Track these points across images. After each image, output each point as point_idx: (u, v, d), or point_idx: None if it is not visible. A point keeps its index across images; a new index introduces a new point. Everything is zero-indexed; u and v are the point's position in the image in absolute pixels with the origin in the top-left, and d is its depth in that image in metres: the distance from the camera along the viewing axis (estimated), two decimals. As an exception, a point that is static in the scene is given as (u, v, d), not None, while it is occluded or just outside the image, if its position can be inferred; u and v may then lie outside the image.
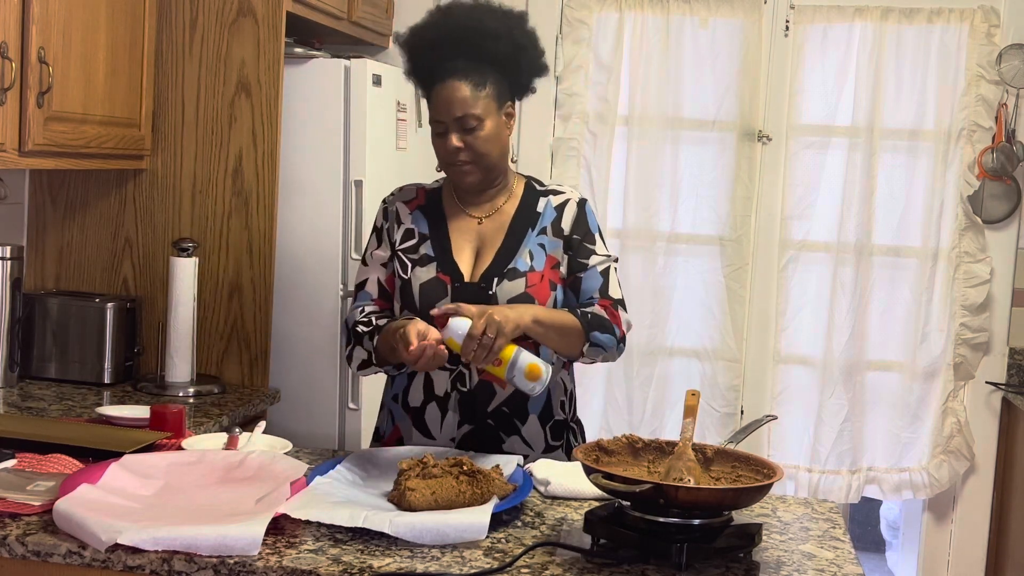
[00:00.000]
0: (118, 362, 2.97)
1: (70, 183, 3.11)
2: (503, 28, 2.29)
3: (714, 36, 3.88)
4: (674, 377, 3.97)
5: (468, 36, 2.28)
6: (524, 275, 2.27)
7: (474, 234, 2.34)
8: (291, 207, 3.15)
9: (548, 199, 2.37)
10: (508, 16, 2.33)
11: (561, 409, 2.37)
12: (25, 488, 1.85)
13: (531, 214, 2.35)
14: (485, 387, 2.29)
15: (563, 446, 2.37)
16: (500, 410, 2.30)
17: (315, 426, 3.18)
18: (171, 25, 3.02)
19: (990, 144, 3.78)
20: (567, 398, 2.40)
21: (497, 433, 2.30)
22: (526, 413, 2.32)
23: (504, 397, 2.29)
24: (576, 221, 2.36)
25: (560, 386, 2.36)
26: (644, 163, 3.91)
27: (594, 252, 2.36)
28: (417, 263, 2.31)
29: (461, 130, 2.26)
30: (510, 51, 2.30)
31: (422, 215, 2.37)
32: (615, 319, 2.30)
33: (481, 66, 2.27)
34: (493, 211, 2.36)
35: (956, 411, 3.88)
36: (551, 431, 2.35)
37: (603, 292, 2.33)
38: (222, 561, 1.65)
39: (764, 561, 1.79)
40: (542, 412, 2.33)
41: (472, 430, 2.30)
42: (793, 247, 3.92)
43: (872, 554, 4.69)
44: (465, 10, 2.33)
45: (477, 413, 2.30)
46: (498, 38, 2.28)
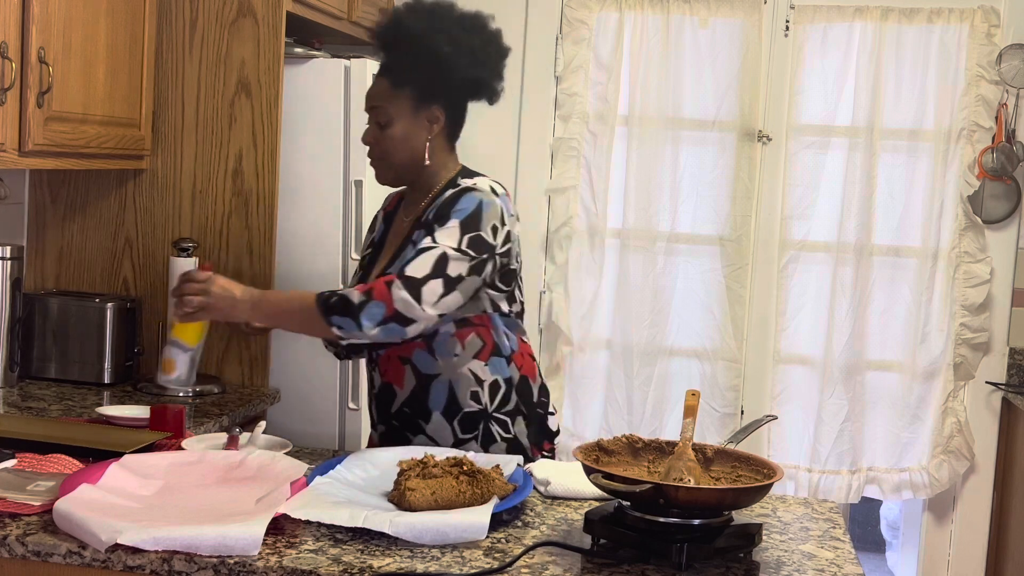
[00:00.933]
0: (118, 362, 2.96)
1: (70, 183, 3.10)
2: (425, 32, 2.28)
3: (714, 36, 3.88)
4: (674, 377, 3.97)
5: (392, 36, 2.33)
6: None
7: (400, 236, 2.38)
8: (291, 207, 3.15)
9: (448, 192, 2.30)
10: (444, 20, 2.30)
11: (474, 400, 2.32)
12: (25, 488, 1.85)
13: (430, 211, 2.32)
14: (386, 389, 2.35)
15: (477, 438, 2.32)
16: (402, 411, 2.34)
17: (315, 426, 3.18)
18: (171, 25, 3.02)
19: (990, 144, 3.78)
20: (483, 389, 2.32)
21: (403, 433, 2.35)
22: (428, 412, 2.32)
23: (403, 398, 2.33)
24: (442, 207, 2.25)
25: (468, 378, 2.31)
26: (644, 163, 3.91)
27: (432, 235, 2.21)
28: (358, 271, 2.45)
29: (376, 125, 2.32)
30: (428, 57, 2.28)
31: (383, 221, 2.46)
32: (379, 295, 2.13)
33: (403, 66, 2.30)
34: (415, 212, 2.37)
35: (956, 411, 3.88)
36: (460, 425, 2.32)
37: (399, 269, 2.17)
38: (222, 561, 1.65)
39: (764, 561, 1.79)
40: (446, 408, 2.31)
41: (385, 430, 2.39)
42: (793, 247, 3.92)
43: (872, 554, 4.69)
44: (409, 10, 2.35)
45: (383, 414, 2.37)
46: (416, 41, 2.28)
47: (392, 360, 2.34)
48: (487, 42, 2.34)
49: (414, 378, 2.32)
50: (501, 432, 2.34)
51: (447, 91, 2.33)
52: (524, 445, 2.37)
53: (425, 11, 2.32)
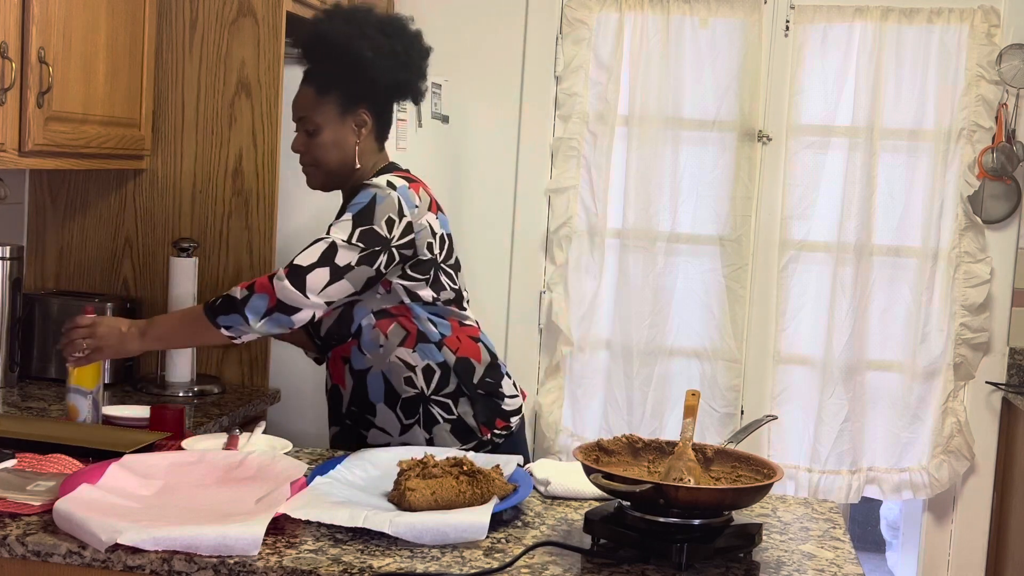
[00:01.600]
0: (118, 362, 2.96)
1: (70, 183, 3.10)
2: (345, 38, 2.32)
3: (714, 36, 3.88)
4: (674, 377, 3.97)
5: (315, 42, 2.37)
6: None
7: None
8: (291, 207, 3.15)
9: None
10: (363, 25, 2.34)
11: (408, 385, 2.37)
12: (25, 488, 1.85)
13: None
14: (335, 390, 2.43)
15: (419, 421, 2.38)
16: (350, 409, 2.42)
17: (315, 426, 3.17)
18: (171, 25, 3.02)
19: (990, 144, 3.78)
20: (417, 373, 2.37)
21: (357, 431, 2.42)
22: (372, 405, 2.39)
23: (348, 397, 2.41)
24: (343, 204, 2.38)
25: (399, 365, 2.37)
26: (644, 163, 3.91)
27: (329, 228, 2.28)
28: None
29: (304, 134, 2.37)
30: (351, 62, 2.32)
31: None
32: (261, 287, 2.19)
33: (325, 72, 2.35)
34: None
35: (956, 411, 3.88)
36: (403, 411, 2.38)
37: (291, 260, 2.24)
38: (222, 561, 1.65)
39: (764, 561, 1.79)
40: (386, 397, 2.39)
41: (339, 431, 2.45)
42: (793, 247, 3.92)
43: (872, 554, 4.69)
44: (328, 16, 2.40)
45: (336, 414, 2.44)
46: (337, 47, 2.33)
47: (336, 361, 2.43)
48: (409, 44, 2.39)
49: (351, 376, 2.40)
50: (443, 414, 2.40)
51: (372, 94, 2.39)
52: (471, 425, 2.42)
53: (344, 17, 2.37)
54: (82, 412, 2.32)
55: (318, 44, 2.37)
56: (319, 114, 2.35)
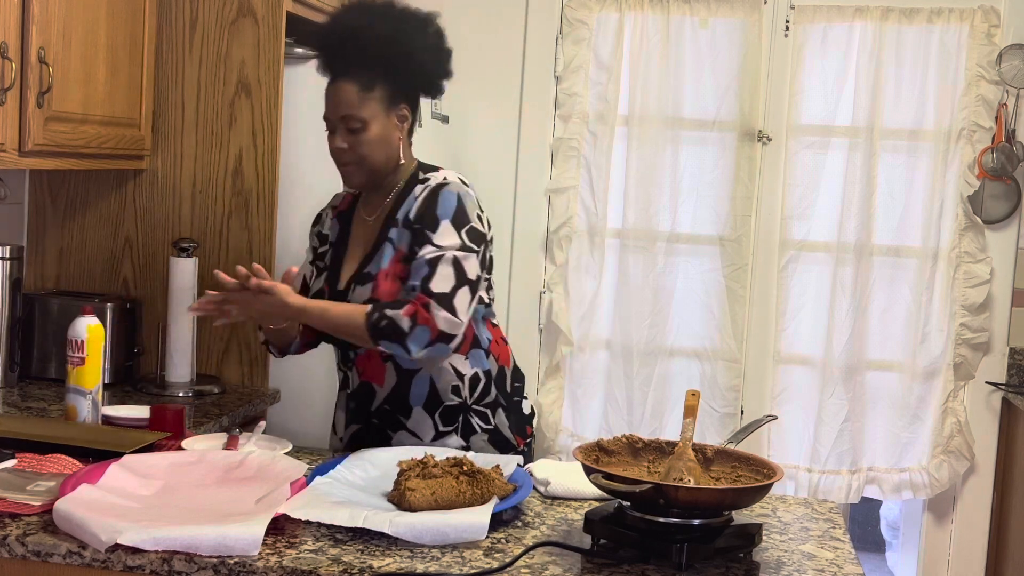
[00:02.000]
0: (118, 362, 2.96)
1: (70, 183, 3.10)
2: (390, 31, 2.29)
3: (714, 36, 3.88)
4: (674, 377, 3.97)
5: (356, 37, 2.31)
6: (374, 278, 2.29)
7: (364, 237, 2.38)
8: (291, 207, 3.15)
9: (416, 188, 2.34)
10: (402, 18, 2.33)
11: (454, 394, 2.34)
12: (25, 488, 1.85)
13: (399, 208, 2.34)
14: (365, 387, 2.36)
15: (457, 430, 2.35)
16: (382, 408, 2.35)
17: (315, 426, 3.17)
18: (171, 25, 3.02)
19: (990, 144, 3.78)
20: (464, 383, 2.35)
21: (383, 430, 2.36)
22: (409, 408, 2.35)
23: (384, 395, 2.34)
24: (423, 208, 2.28)
25: (449, 372, 2.33)
26: (644, 163, 3.91)
27: (430, 241, 2.24)
28: (320, 272, 2.42)
29: (346, 131, 2.29)
30: (397, 55, 2.30)
31: (338, 221, 2.45)
32: (423, 320, 2.16)
33: (369, 67, 2.29)
34: (379, 210, 2.37)
35: (956, 411, 3.88)
36: (441, 418, 2.35)
37: (423, 285, 2.20)
38: (222, 561, 1.65)
39: (764, 561, 1.79)
40: (427, 402, 2.34)
41: (359, 429, 2.39)
42: (793, 247, 3.92)
43: (872, 554, 4.69)
44: (361, 11, 2.35)
45: (361, 413, 2.37)
46: (384, 41, 2.29)
47: (372, 358, 2.35)
48: (442, 40, 2.38)
49: (395, 374, 2.34)
50: (481, 424, 2.38)
51: (414, 89, 2.37)
52: (507, 436, 2.40)
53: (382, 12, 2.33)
54: (82, 412, 2.31)
55: (361, 39, 2.30)
56: (365, 110, 2.29)
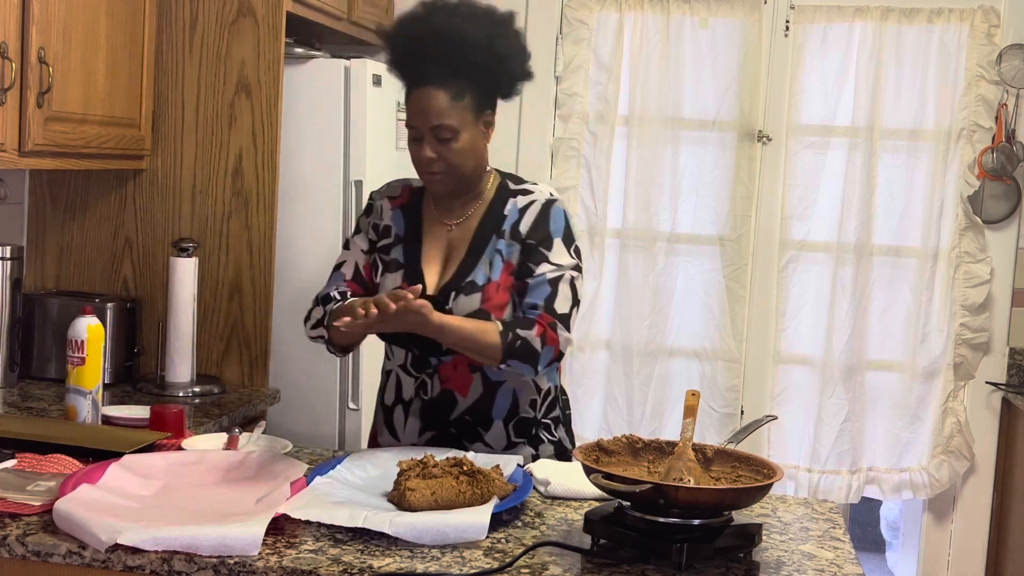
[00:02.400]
0: (118, 362, 2.96)
1: (70, 183, 3.10)
2: (484, 36, 2.22)
3: (714, 36, 3.88)
4: (674, 377, 3.97)
5: (448, 43, 2.21)
6: (481, 289, 2.23)
7: (444, 242, 2.31)
8: (291, 207, 3.15)
9: (516, 200, 2.30)
10: (491, 22, 2.25)
11: (531, 407, 2.34)
12: (25, 488, 1.85)
13: (498, 219, 2.29)
14: (447, 395, 2.29)
15: (528, 441, 2.34)
16: (463, 418, 2.30)
17: (315, 426, 3.18)
18: (171, 25, 3.02)
19: (990, 144, 3.78)
20: (539, 396, 2.35)
21: (460, 440, 2.30)
22: (490, 420, 2.30)
23: (467, 405, 2.29)
24: (535, 224, 2.26)
25: (529, 386, 2.33)
26: (644, 163, 3.91)
27: (547, 259, 2.23)
28: (387, 267, 2.31)
29: (435, 139, 2.21)
30: (490, 61, 2.23)
31: (402, 215, 2.35)
32: (551, 341, 2.18)
33: (460, 74, 2.21)
34: (463, 217, 2.31)
35: (956, 411, 3.88)
36: (514, 429, 2.33)
37: (548, 305, 2.21)
38: (222, 561, 1.65)
39: (764, 561, 1.79)
40: (507, 415, 2.31)
41: (434, 436, 2.31)
42: (793, 247, 3.92)
43: (872, 554, 4.69)
44: (447, 13, 2.25)
45: (440, 421, 2.30)
46: (478, 47, 2.21)
47: (459, 368, 2.28)
48: (522, 41, 2.31)
49: (482, 386, 2.29)
50: (548, 436, 2.38)
51: (498, 95, 2.30)
52: (567, 448, 2.41)
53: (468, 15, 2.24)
54: (82, 412, 2.31)
55: (455, 46, 2.21)
56: (456, 118, 2.20)
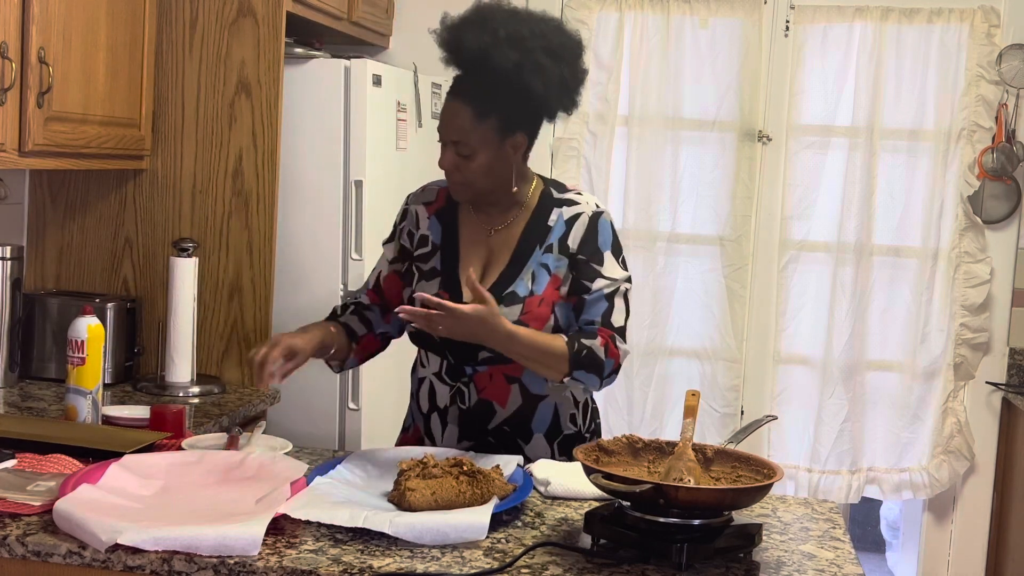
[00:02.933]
0: (118, 362, 2.96)
1: (70, 183, 3.10)
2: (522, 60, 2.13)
3: (714, 36, 3.88)
4: (674, 377, 3.97)
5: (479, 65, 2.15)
6: (523, 300, 2.20)
7: (484, 247, 2.28)
8: (291, 207, 3.15)
9: (561, 212, 2.26)
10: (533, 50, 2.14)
11: (571, 422, 2.31)
12: (25, 488, 1.85)
13: (541, 229, 2.26)
14: (484, 405, 2.25)
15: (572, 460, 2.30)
16: (501, 428, 2.27)
17: (315, 426, 3.17)
18: (171, 25, 3.02)
19: (990, 144, 3.78)
20: (579, 410, 2.33)
21: (498, 451, 2.25)
22: (530, 432, 2.27)
23: (505, 416, 2.26)
24: (584, 238, 2.24)
25: (569, 400, 2.30)
26: (644, 163, 3.91)
27: (600, 275, 2.23)
28: (424, 276, 2.28)
29: (456, 153, 2.20)
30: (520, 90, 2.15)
31: (438, 221, 2.32)
32: (612, 354, 2.19)
33: (490, 96, 2.16)
34: (504, 224, 2.28)
35: (956, 411, 3.88)
36: (559, 447, 2.29)
37: (605, 320, 2.22)
38: (222, 561, 1.65)
39: (764, 561, 1.79)
40: (548, 430, 2.28)
41: (472, 446, 2.28)
42: (793, 247, 3.92)
43: (872, 554, 4.69)
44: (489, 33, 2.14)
45: (476, 430, 2.27)
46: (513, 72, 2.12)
47: (496, 378, 2.25)
48: (576, 67, 2.23)
49: (521, 398, 2.26)
50: None
51: (535, 120, 2.25)
52: None
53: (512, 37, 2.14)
54: (82, 412, 2.31)
55: (483, 68, 2.15)
56: (476, 138, 2.17)
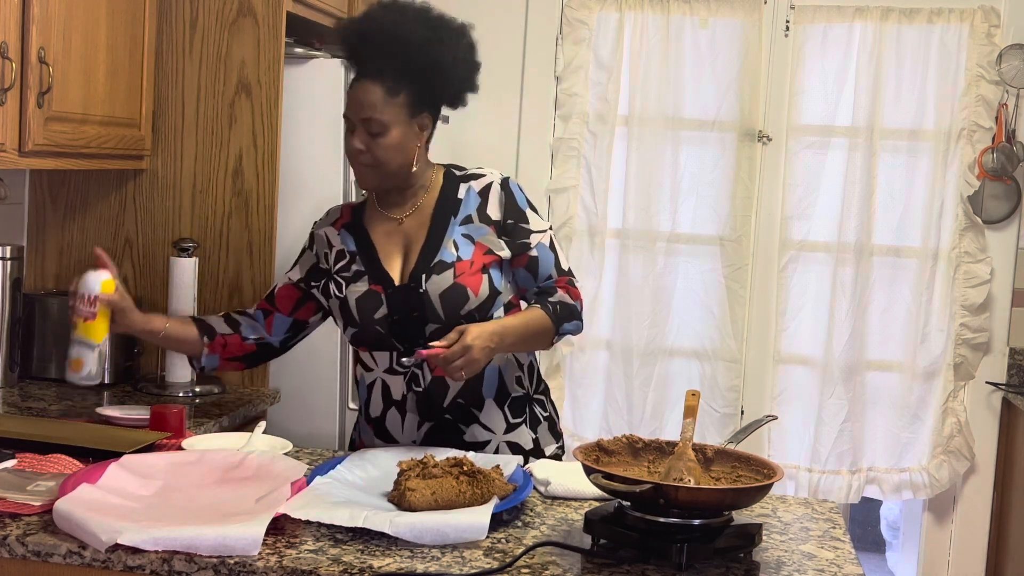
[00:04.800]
0: (118, 362, 2.96)
1: (70, 183, 3.10)
2: (425, 39, 2.27)
3: (714, 36, 3.88)
4: (674, 377, 3.97)
5: (388, 39, 2.27)
6: (451, 266, 2.27)
7: (399, 236, 2.35)
8: (291, 207, 3.15)
9: (469, 185, 2.36)
10: (439, 28, 2.31)
11: (518, 385, 2.37)
12: (25, 488, 1.85)
13: (452, 203, 2.34)
14: (438, 383, 2.30)
15: (526, 421, 2.38)
16: (456, 402, 2.32)
17: (315, 426, 3.17)
18: (171, 25, 3.02)
19: (990, 144, 3.78)
20: (524, 372, 2.39)
21: (456, 425, 2.32)
22: (482, 400, 2.33)
23: (457, 388, 2.31)
24: (505, 204, 2.35)
25: (512, 363, 2.36)
26: (644, 163, 3.91)
27: (531, 231, 2.35)
28: (351, 280, 2.34)
29: (366, 132, 2.27)
30: (429, 65, 2.28)
31: (348, 233, 2.40)
32: (576, 296, 2.35)
33: (400, 72, 2.26)
34: (413, 209, 2.36)
35: (956, 411, 3.88)
36: (510, 410, 2.36)
37: (558, 268, 2.36)
38: (222, 561, 1.65)
39: (764, 561, 1.79)
40: (497, 394, 2.34)
41: (432, 426, 2.33)
42: (793, 247, 3.92)
43: (872, 554, 4.69)
44: (397, 11, 2.31)
45: (434, 409, 2.32)
46: (417, 49, 2.26)
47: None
48: (472, 53, 2.36)
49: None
50: (542, 413, 2.43)
51: (439, 100, 2.36)
52: (556, 422, 2.48)
53: (418, 17, 2.31)
54: (87, 365, 2.27)
55: (394, 42, 2.27)
56: (387, 114, 2.26)
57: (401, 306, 2.26)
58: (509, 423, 2.35)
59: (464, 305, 2.25)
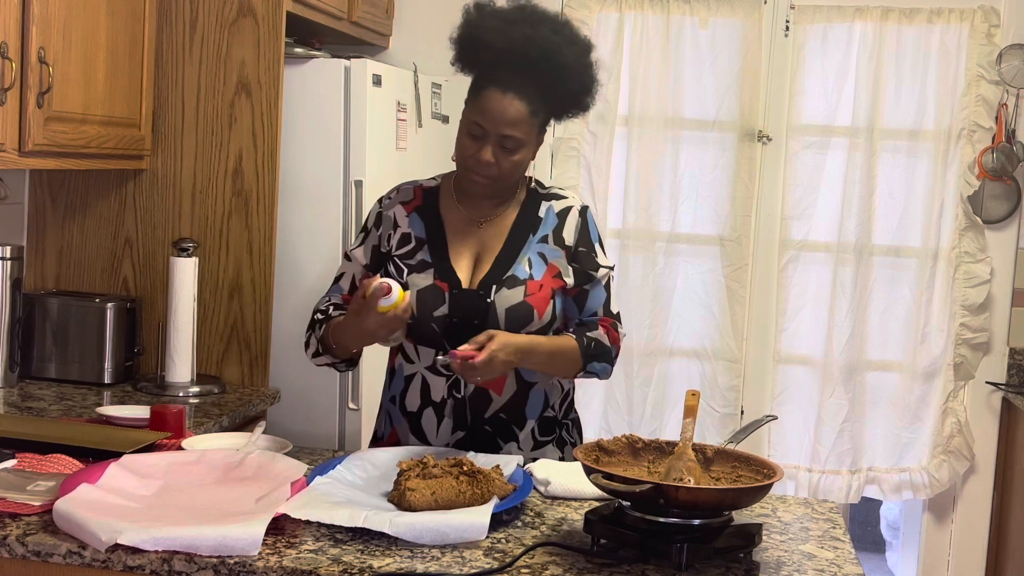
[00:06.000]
0: (118, 362, 2.96)
1: (70, 183, 3.11)
2: (579, 65, 2.23)
3: (714, 36, 3.88)
4: (674, 377, 3.97)
5: (547, 61, 2.19)
6: (523, 283, 2.24)
7: (473, 238, 2.30)
8: (291, 207, 3.15)
9: (550, 204, 2.33)
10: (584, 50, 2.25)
11: (554, 408, 2.36)
12: (25, 488, 1.86)
13: (532, 220, 2.31)
14: (481, 394, 2.26)
15: (554, 440, 2.36)
16: (497, 416, 2.28)
17: (315, 426, 3.18)
18: (171, 25, 3.02)
19: (990, 144, 3.78)
20: (561, 397, 2.38)
21: (494, 439, 2.29)
22: (524, 419, 2.30)
23: (501, 404, 2.27)
24: (580, 232, 2.32)
25: (557, 388, 2.35)
26: (644, 163, 3.91)
27: (599, 264, 2.33)
28: (414, 269, 2.28)
29: (500, 146, 2.20)
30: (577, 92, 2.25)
31: (419, 218, 2.32)
32: (614, 339, 2.31)
33: (546, 95, 2.22)
34: (494, 215, 2.32)
35: (956, 411, 3.88)
36: (539, 428, 2.33)
37: (606, 308, 2.33)
38: (222, 561, 1.65)
39: (764, 561, 1.79)
40: (540, 416, 2.32)
41: (466, 436, 2.29)
42: (793, 247, 3.92)
43: (872, 554, 4.69)
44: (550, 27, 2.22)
45: (473, 419, 2.28)
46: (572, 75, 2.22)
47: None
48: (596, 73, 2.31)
49: (515, 385, 2.28)
50: (568, 437, 2.41)
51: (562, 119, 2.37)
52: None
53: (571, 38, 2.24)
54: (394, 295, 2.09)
55: (549, 65, 2.20)
56: (526, 132, 2.21)
57: (464, 310, 2.22)
58: (537, 441, 2.33)
59: (528, 325, 2.22)
